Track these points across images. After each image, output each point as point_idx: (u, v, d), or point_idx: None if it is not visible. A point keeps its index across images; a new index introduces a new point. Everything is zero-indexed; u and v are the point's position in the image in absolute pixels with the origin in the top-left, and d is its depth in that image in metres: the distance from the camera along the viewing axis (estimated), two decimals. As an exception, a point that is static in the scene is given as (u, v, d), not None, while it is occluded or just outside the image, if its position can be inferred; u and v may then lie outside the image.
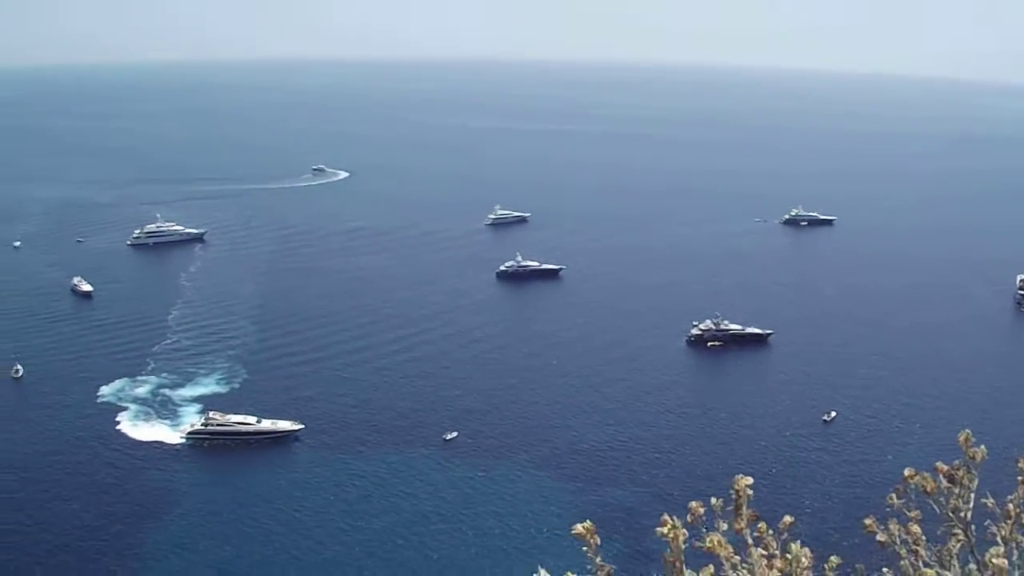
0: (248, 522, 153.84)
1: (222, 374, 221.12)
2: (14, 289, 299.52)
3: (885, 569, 15.70)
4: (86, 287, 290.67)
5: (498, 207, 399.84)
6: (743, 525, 14.70)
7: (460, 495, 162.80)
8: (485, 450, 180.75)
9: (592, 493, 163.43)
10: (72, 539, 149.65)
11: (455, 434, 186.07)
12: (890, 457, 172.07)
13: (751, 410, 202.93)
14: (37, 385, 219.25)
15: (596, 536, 15.02)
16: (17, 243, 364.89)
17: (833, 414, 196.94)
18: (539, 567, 15.45)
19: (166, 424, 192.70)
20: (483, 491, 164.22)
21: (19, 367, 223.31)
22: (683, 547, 14.24)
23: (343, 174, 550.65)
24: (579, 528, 15.04)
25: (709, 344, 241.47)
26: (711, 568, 14.15)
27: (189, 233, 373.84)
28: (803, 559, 14.56)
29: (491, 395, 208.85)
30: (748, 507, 14.94)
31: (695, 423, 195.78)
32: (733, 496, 14.83)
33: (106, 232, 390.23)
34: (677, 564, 14.25)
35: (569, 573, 15.80)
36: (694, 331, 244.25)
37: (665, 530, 14.51)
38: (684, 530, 14.39)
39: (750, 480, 15.06)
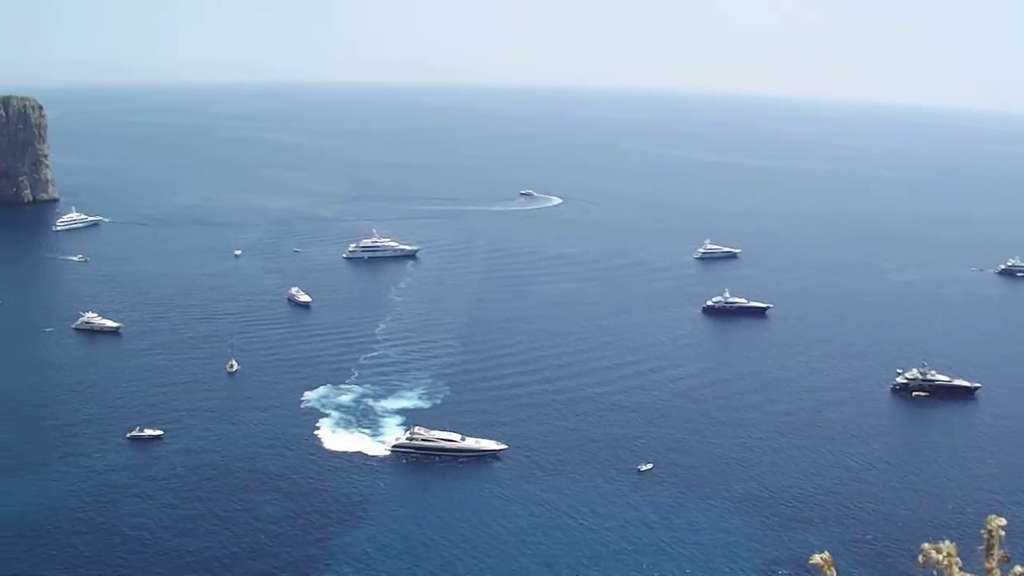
0: (441, 540, 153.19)
1: (424, 389, 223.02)
2: (234, 294, 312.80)
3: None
4: (304, 297, 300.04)
5: (708, 241, 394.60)
6: (993, 565, 14.22)
7: (650, 528, 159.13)
8: (679, 484, 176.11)
9: (783, 535, 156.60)
10: (263, 538, 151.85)
11: (650, 466, 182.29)
12: None
13: (954, 466, 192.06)
14: (248, 382, 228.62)
15: (833, 568, 13.57)
16: (238, 252, 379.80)
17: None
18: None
19: (366, 434, 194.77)
20: (673, 524, 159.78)
21: (234, 363, 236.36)
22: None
23: (555, 200, 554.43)
24: (816, 559, 13.73)
25: (914, 394, 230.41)
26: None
27: (403, 250, 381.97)
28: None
29: (689, 430, 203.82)
30: (1000, 548, 14.40)
31: (896, 474, 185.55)
32: (985, 536, 14.51)
33: (323, 244, 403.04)
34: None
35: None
36: (899, 380, 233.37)
37: (940, 556, 13.25)
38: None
39: (1003, 521, 14.82)
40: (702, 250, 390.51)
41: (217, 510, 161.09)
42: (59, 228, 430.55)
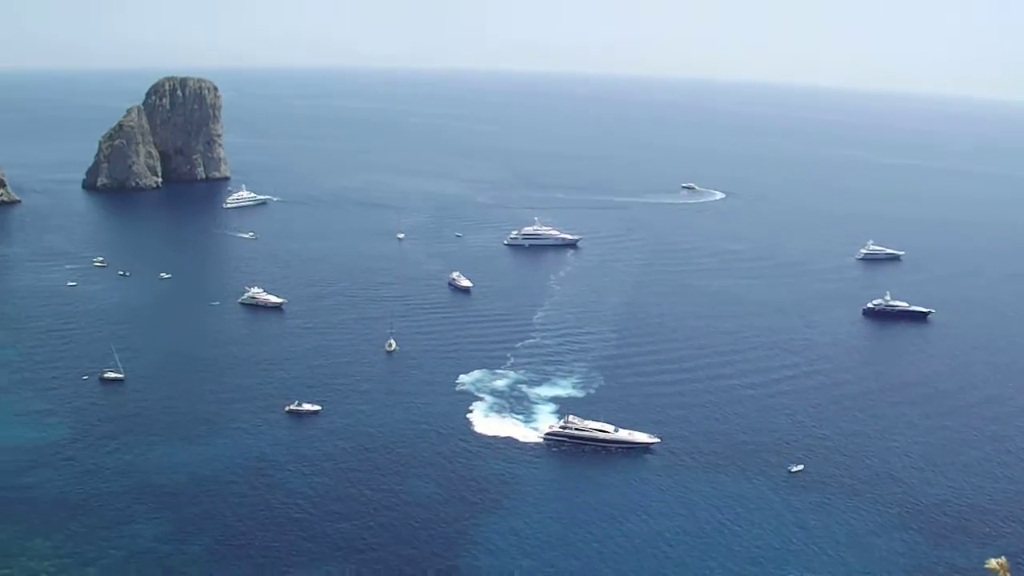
0: (587, 530, 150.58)
1: (579, 378, 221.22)
2: (396, 276, 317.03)
3: None
4: (465, 282, 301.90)
5: (871, 242, 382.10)
6: None
7: (800, 530, 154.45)
8: (830, 487, 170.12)
9: (938, 546, 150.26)
10: (409, 521, 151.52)
11: (801, 467, 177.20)
12: None
13: None
14: (405, 362, 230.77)
15: (1009, 574, 11.71)
16: (401, 235, 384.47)
17: None
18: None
19: (518, 420, 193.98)
20: (824, 527, 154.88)
21: (393, 342, 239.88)
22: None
23: (718, 194, 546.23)
24: (993, 563, 12.00)
25: None
26: None
27: (564, 238, 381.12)
28: None
29: (843, 433, 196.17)
30: None
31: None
32: None
33: (484, 230, 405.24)
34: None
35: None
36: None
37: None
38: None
39: None
40: (864, 251, 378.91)
41: (366, 489, 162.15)
42: (229, 206, 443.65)
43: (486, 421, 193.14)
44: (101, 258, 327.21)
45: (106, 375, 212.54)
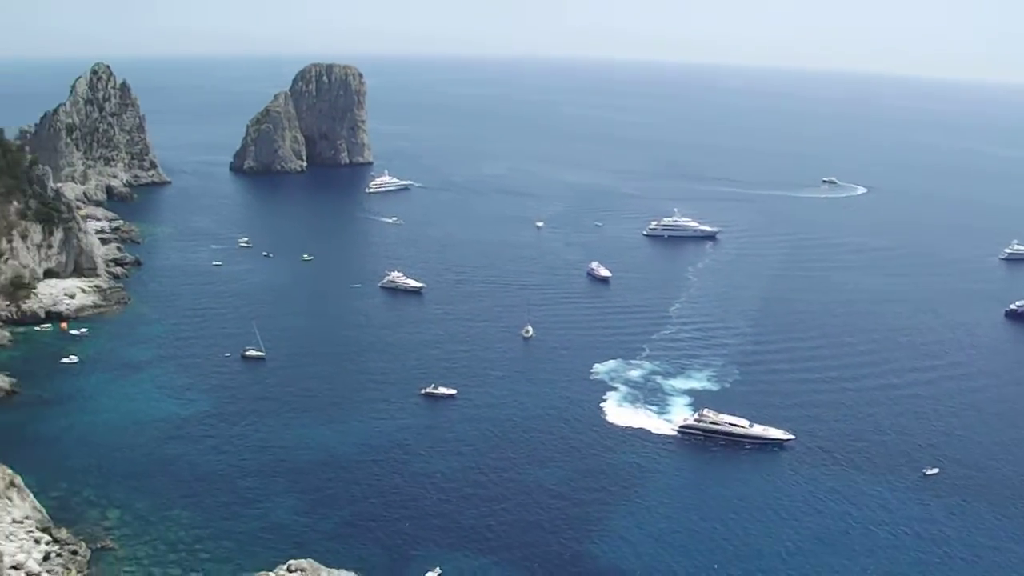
0: (719, 524, 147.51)
1: (714, 371, 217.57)
2: (534, 264, 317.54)
3: None
4: (604, 272, 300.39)
5: (1015, 242, 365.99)
6: None
7: (937, 534, 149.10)
8: (966, 491, 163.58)
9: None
10: (538, 509, 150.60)
11: (937, 470, 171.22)
12: None
13: None
14: (541, 349, 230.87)
15: None
16: (540, 223, 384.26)
17: None
18: None
19: (652, 411, 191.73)
20: (960, 532, 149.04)
21: (530, 328, 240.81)
22: None
23: (860, 189, 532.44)
24: None
25: None
26: None
27: (703, 230, 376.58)
28: None
29: (983, 437, 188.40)
30: None
31: None
32: None
33: (623, 220, 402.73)
34: None
35: None
36: None
37: None
38: None
39: None
40: (1008, 251, 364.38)
41: (497, 475, 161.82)
42: (372, 190, 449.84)
43: (619, 411, 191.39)
44: (246, 239, 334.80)
45: (247, 353, 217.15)
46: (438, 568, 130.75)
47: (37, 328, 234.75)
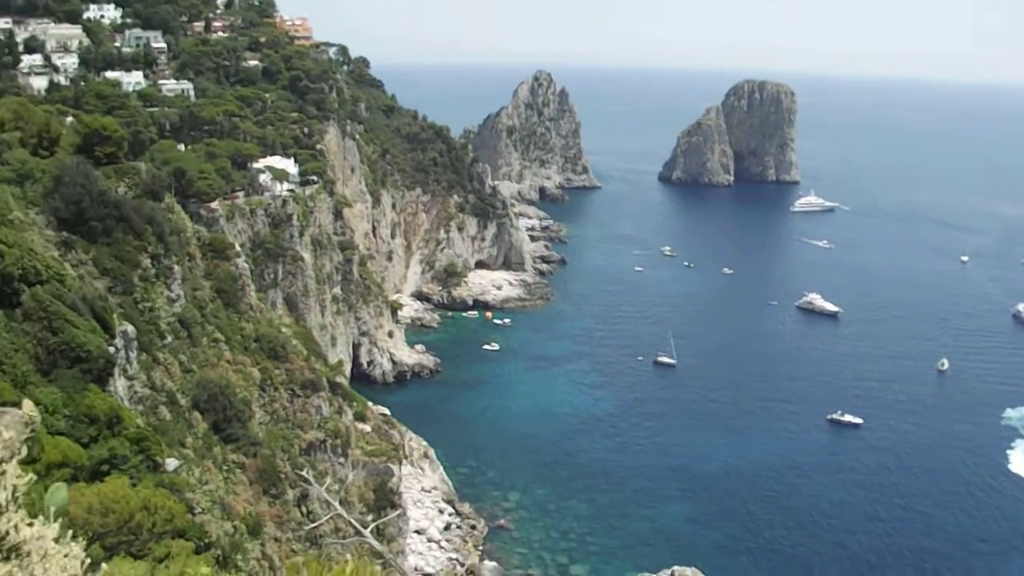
0: None
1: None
2: (955, 298, 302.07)
3: None
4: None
5: None
6: None
7: None
8: None
9: None
10: (923, 553, 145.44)
11: None
12: None
13: None
14: (954, 385, 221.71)
15: None
16: (965, 257, 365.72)
17: None
18: None
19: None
20: None
21: (945, 361, 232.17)
22: None
23: None
24: None
25: None
26: None
27: None
28: None
29: None
30: None
31: None
32: None
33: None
34: None
35: None
36: None
37: None
38: None
39: None
40: None
41: (890, 512, 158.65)
42: (796, 210, 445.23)
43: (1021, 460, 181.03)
44: (669, 247, 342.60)
45: (659, 359, 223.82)
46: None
47: (464, 314, 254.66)
